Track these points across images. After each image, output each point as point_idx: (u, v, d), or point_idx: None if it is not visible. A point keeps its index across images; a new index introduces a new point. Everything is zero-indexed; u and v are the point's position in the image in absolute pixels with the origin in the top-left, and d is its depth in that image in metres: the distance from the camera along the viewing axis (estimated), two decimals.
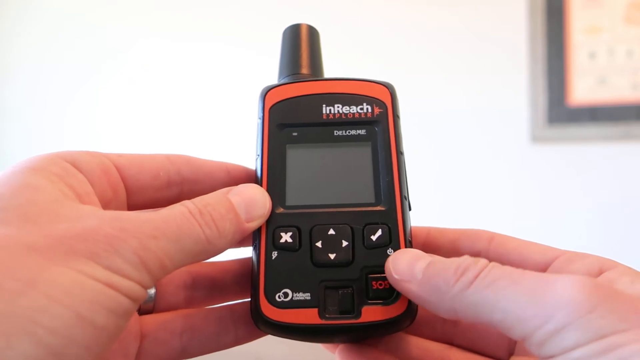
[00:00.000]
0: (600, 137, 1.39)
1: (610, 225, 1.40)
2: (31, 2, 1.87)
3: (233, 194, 0.26)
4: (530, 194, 1.45)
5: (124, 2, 1.80)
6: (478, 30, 1.49)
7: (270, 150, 0.30)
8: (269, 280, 0.27)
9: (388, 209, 0.28)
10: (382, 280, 0.27)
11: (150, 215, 0.22)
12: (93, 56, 1.82)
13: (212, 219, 0.24)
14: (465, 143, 1.50)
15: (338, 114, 0.30)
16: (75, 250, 0.19)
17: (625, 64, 1.38)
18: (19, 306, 0.17)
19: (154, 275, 0.21)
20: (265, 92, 0.31)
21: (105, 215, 0.22)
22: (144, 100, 1.78)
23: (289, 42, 0.35)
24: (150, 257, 0.21)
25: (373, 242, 0.28)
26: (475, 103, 1.49)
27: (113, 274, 0.19)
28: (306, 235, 0.28)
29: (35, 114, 1.90)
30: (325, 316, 0.26)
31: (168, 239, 0.22)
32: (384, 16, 1.56)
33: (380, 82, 0.32)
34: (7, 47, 1.91)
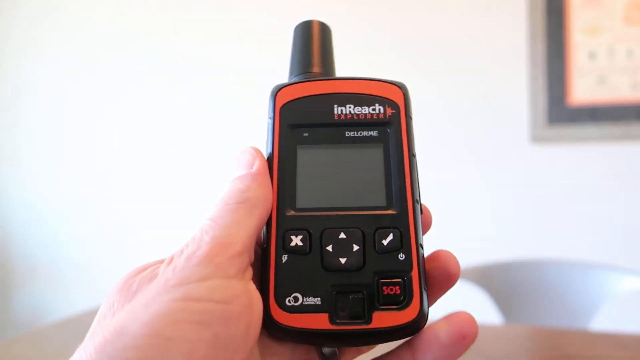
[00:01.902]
0: (600, 137, 1.39)
1: (611, 225, 1.40)
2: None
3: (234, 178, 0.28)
4: (530, 193, 1.45)
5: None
6: (478, 30, 1.49)
7: (281, 151, 0.29)
8: (279, 284, 0.26)
9: (399, 213, 0.28)
10: (393, 285, 0.26)
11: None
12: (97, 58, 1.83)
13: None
14: (465, 143, 1.50)
15: (350, 115, 0.30)
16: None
17: (625, 64, 1.38)
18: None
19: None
20: (276, 92, 0.30)
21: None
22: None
23: (300, 40, 0.34)
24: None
25: (384, 246, 0.27)
26: (475, 103, 1.49)
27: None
28: (316, 238, 0.27)
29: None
30: (335, 321, 0.26)
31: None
32: (383, 16, 1.56)
33: (393, 82, 0.31)
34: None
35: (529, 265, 1.08)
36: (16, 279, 1.94)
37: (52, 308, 1.87)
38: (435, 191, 1.50)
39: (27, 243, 1.92)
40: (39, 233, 1.90)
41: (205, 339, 0.22)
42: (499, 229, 1.46)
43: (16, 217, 1.93)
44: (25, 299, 1.93)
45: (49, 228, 1.89)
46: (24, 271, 1.92)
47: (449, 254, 0.28)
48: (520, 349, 0.77)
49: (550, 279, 1.06)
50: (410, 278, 0.27)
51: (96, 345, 0.22)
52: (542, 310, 1.05)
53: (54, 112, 1.88)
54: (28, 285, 1.92)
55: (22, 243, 1.93)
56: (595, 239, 1.40)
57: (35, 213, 1.91)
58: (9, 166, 1.94)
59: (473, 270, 1.06)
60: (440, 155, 1.51)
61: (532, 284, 1.07)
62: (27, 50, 1.91)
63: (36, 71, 1.89)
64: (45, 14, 1.87)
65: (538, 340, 0.81)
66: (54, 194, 1.88)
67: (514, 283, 1.06)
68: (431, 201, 1.45)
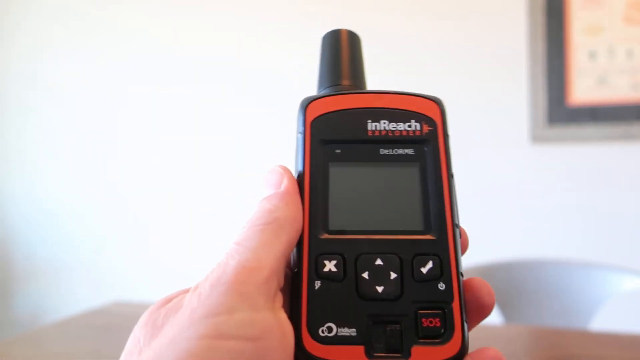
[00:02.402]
0: (600, 137, 1.39)
1: (611, 225, 1.40)
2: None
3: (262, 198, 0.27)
4: (531, 193, 1.45)
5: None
6: (478, 30, 1.49)
7: (312, 169, 0.27)
8: (312, 313, 0.25)
9: (439, 238, 0.26)
10: (433, 317, 0.25)
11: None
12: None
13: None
14: (465, 143, 1.50)
15: (384, 131, 0.28)
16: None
17: (625, 64, 1.38)
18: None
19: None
20: (306, 105, 0.29)
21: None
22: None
23: (329, 50, 0.32)
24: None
25: (423, 274, 0.25)
26: (475, 103, 1.49)
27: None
28: (351, 264, 0.26)
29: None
30: (372, 355, 0.24)
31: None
32: (383, 16, 1.56)
33: (429, 97, 0.29)
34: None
35: (529, 265, 1.08)
36: (16, 279, 1.94)
37: (52, 308, 1.87)
38: None
39: (27, 243, 1.92)
40: (39, 233, 1.90)
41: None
42: (499, 229, 1.46)
43: (16, 217, 1.93)
44: (25, 299, 1.93)
45: (49, 228, 1.89)
46: (24, 271, 1.92)
47: (483, 283, 0.26)
48: (520, 349, 0.77)
49: (550, 279, 1.06)
50: (452, 309, 0.25)
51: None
52: (542, 310, 1.05)
53: (54, 113, 1.88)
54: (28, 285, 1.92)
55: (22, 243, 1.93)
56: (595, 239, 1.40)
57: (35, 213, 1.91)
58: (9, 166, 1.94)
59: (473, 270, 1.06)
60: None
61: (532, 284, 1.07)
62: (30, 49, 1.91)
63: (36, 71, 1.89)
64: (60, 13, 1.87)
65: (538, 340, 0.81)
66: (54, 194, 1.88)
67: (514, 283, 1.06)
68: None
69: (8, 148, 1.94)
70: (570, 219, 1.42)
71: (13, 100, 1.92)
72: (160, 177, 1.75)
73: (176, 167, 1.74)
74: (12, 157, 1.94)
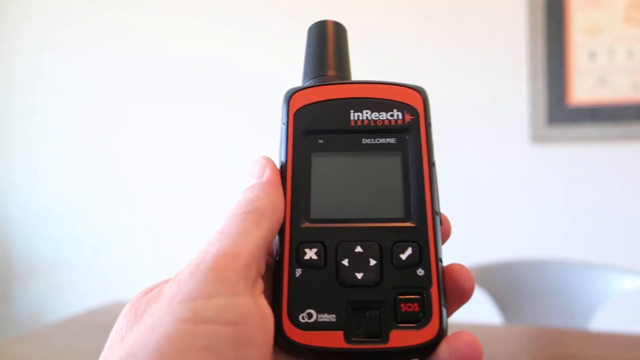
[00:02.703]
0: (600, 137, 1.39)
1: (611, 224, 1.40)
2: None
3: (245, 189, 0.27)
4: (530, 193, 1.45)
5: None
6: (478, 30, 1.49)
7: (295, 159, 0.28)
8: (293, 300, 0.25)
9: (418, 226, 0.27)
10: (412, 302, 0.25)
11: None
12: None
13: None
14: (465, 143, 1.50)
15: (367, 121, 0.28)
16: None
17: (625, 64, 1.38)
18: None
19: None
20: (290, 96, 0.29)
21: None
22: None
23: (315, 41, 0.32)
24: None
25: (402, 261, 0.26)
26: (475, 103, 1.49)
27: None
28: (332, 252, 0.26)
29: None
30: (351, 340, 0.25)
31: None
32: (383, 16, 1.56)
33: (411, 86, 0.29)
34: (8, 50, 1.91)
35: (529, 265, 1.08)
36: (17, 279, 1.94)
37: (52, 308, 1.87)
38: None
39: (28, 242, 1.92)
40: (39, 233, 1.90)
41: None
42: (499, 229, 1.46)
43: (17, 216, 1.93)
44: (25, 299, 1.93)
45: (49, 228, 1.89)
46: (24, 271, 1.93)
47: (462, 269, 0.27)
48: (520, 349, 0.77)
49: (550, 279, 1.06)
50: (430, 295, 0.25)
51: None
52: (542, 310, 1.05)
53: (57, 113, 1.88)
54: (28, 285, 1.92)
55: (23, 242, 1.93)
56: (595, 239, 1.40)
57: (36, 212, 1.91)
58: (11, 166, 1.94)
59: (473, 270, 1.05)
60: (440, 156, 1.51)
61: (532, 284, 1.07)
62: (33, 49, 1.91)
63: (35, 74, 1.89)
64: (64, 12, 1.87)
65: (538, 340, 0.81)
66: (55, 193, 1.88)
67: (514, 283, 1.06)
68: None
69: (10, 147, 1.94)
70: (570, 218, 1.42)
71: (16, 100, 1.92)
72: (162, 176, 1.75)
73: (178, 167, 1.74)
74: (13, 157, 1.94)
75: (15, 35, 1.91)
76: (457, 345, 0.24)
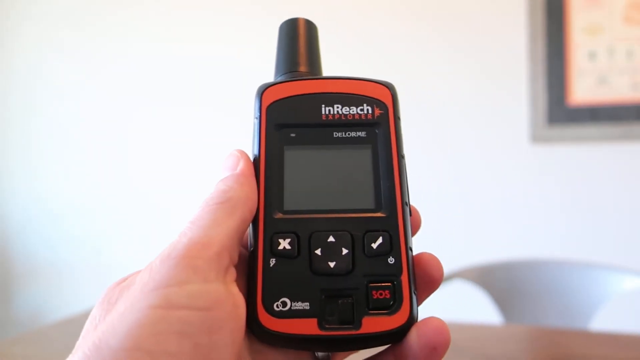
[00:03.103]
0: (600, 137, 1.39)
1: (611, 224, 1.40)
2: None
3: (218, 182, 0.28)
4: (530, 193, 1.45)
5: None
6: (478, 30, 1.49)
7: (268, 152, 0.29)
8: (267, 289, 0.26)
9: (389, 216, 0.27)
10: (383, 290, 0.26)
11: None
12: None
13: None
14: (465, 143, 1.50)
15: (338, 115, 0.29)
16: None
17: (625, 64, 1.38)
18: None
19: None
20: (262, 91, 0.30)
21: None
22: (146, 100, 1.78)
23: (286, 38, 0.33)
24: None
25: (374, 249, 0.27)
26: (475, 103, 1.49)
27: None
28: (305, 242, 0.27)
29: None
30: (324, 326, 0.26)
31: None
32: (383, 15, 1.56)
33: (381, 82, 0.30)
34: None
35: (529, 265, 1.08)
36: (17, 279, 1.94)
37: (52, 308, 1.87)
38: (435, 191, 1.50)
39: (29, 242, 1.92)
40: (41, 232, 1.90)
41: (186, 350, 0.21)
42: (499, 229, 1.46)
43: (18, 216, 1.93)
44: (26, 298, 1.93)
45: (49, 228, 1.89)
46: (25, 270, 1.93)
47: (432, 257, 0.27)
48: (520, 349, 0.77)
49: (550, 279, 1.06)
50: (400, 282, 0.26)
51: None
52: (542, 310, 1.05)
53: (57, 113, 1.88)
54: (28, 285, 1.92)
55: (23, 242, 1.93)
56: (595, 239, 1.40)
57: (37, 212, 1.91)
58: (12, 165, 1.94)
59: (473, 270, 1.06)
60: (440, 155, 1.51)
61: (532, 284, 1.07)
62: (34, 49, 1.91)
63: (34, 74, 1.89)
64: (64, 12, 1.87)
65: (538, 340, 0.81)
66: (56, 193, 1.89)
67: (514, 283, 1.06)
68: (431, 201, 1.46)
69: (11, 147, 1.94)
70: (570, 218, 1.42)
71: (16, 100, 1.93)
72: (162, 176, 1.75)
73: (178, 167, 1.74)
74: (14, 156, 1.94)
75: (15, 35, 1.91)
76: (426, 330, 0.25)
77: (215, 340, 0.22)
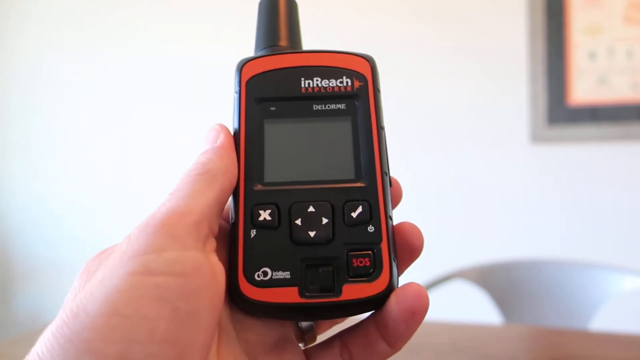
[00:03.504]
0: (600, 137, 1.39)
1: (611, 224, 1.40)
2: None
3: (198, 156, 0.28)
4: (530, 193, 1.45)
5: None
6: (478, 30, 1.49)
7: (248, 126, 0.29)
8: (248, 259, 0.26)
9: (368, 185, 0.28)
10: (363, 257, 0.26)
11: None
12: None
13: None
14: (465, 143, 1.50)
15: (317, 88, 0.29)
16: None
17: (625, 64, 1.38)
18: None
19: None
20: (242, 65, 0.30)
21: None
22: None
23: (266, 13, 0.33)
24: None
25: (353, 219, 0.27)
26: (475, 103, 1.49)
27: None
28: (285, 212, 0.27)
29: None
30: (305, 295, 0.26)
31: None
32: (383, 15, 1.56)
33: (360, 54, 0.30)
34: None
35: (529, 265, 1.08)
36: (17, 279, 1.94)
37: (52, 308, 1.87)
38: (435, 191, 1.50)
39: (28, 242, 1.92)
40: (40, 232, 1.90)
41: (165, 315, 0.21)
42: (499, 229, 1.46)
43: (18, 216, 1.93)
44: (25, 298, 1.93)
45: (49, 228, 1.89)
46: (24, 270, 1.93)
47: (412, 227, 0.28)
48: (520, 349, 0.77)
49: (550, 279, 1.06)
50: (380, 250, 0.26)
51: (54, 328, 0.22)
52: (542, 310, 1.05)
53: (57, 112, 1.88)
54: (29, 285, 1.92)
55: (23, 242, 1.93)
56: (595, 239, 1.40)
57: (36, 212, 1.91)
58: (12, 165, 1.94)
59: (473, 270, 1.06)
60: (440, 155, 1.51)
61: (532, 284, 1.07)
62: (34, 48, 1.91)
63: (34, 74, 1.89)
64: (64, 11, 1.87)
65: (538, 340, 0.81)
66: (56, 193, 1.89)
67: (514, 283, 1.06)
68: (431, 201, 1.46)
69: (10, 147, 1.94)
70: (570, 218, 1.42)
71: (17, 100, 1.93)
72: (162, 176, 1.75)
73: (178, 167, 1.74)
74: (14, 156, 1.94)
75: (15, 35, 1.91)
76: (405, 295, 0.25)
77: (194, 306, 0.22)
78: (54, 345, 0.21)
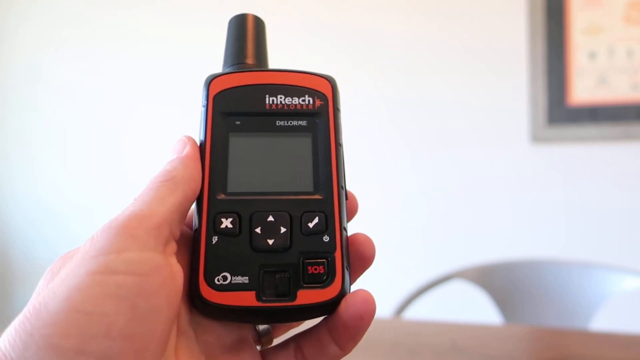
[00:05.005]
0: (600, 137, 1.39)
1: (611, 224, 1.40)
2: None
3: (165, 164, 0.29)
4: (530, 193, 1.45)
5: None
6: (478, 30, 1.49)
7: (213, 138, 0.30)
8: (209, 264, 0.27)
9: (325, 198, 0.29)
10: (318, 265, 0.28)
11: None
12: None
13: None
14: (465, 143, 1.50)
15: (281, 105, 0.31)
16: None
17: (625, 64, 1.38)
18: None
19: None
20: (210, 80, 0.32)
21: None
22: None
23: (235, 32, 0.35)
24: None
25: (310, 228, 0.28)
26: (475, 103, 1.49)
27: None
28: (246, 221, 0.28)
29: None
30: (262, 299, 0.27)
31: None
32: (384, 15, 1.56)
33: (322, 75, 0.32)
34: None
35: (529, 265, 1.08)
36: (16, 279, 1.94)
37: None
38: (435, 191, 1.50)
39: (28, 242, 1.92)
40: (40, 232, 1.90)
41: (123, 311, 0.22)
42: (499, 229, 1.46)
43: (17, 216, 1.93)
44: (25, 299, 1.93)
45: (50, 227, 1.89)
46: (24, 271, 1.93)
47: (365, 238, 0.29)
48: (520, 349, 0.77)
49: (550, 279, 1.06)
50: (334, 258, 0.28)
51: (17, 324, 0.23)
52: (542, 310, 1.05)
53: (57, 112, 1.88)
54: (28, 285, 1.92)
55: (23, 242, 1.93)
56: (595, 239, 1.40)
57: (36, 212, 1.91)
58: (11, 165, 1.94)
59: (473, 270, 1.06)
60: (440, 155, 1.51)
61: (532, 284, 1.07)
62: (33, 47, 1.91)
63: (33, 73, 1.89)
64: (64, 11, 1.87)
65: (538, 340, 0.81)
66: (56, 193, 1.89)
67: (514, 283, 1.06)
68: (431, 201, 1.46)
69: (10, 146, 1.94)
70: (570, 218, 1.42)
71: (16, 99, 1.93)
72: None
73: None
74: (14, 156, 1.94)
75: (15, 35, 1.91)
76: (354, 301, 0.27)
77: (151, 304, 0.23)
78: (16, 340, 0.22)
